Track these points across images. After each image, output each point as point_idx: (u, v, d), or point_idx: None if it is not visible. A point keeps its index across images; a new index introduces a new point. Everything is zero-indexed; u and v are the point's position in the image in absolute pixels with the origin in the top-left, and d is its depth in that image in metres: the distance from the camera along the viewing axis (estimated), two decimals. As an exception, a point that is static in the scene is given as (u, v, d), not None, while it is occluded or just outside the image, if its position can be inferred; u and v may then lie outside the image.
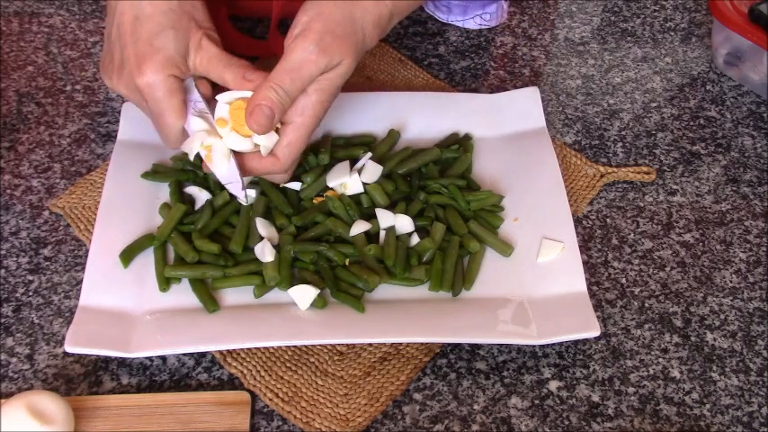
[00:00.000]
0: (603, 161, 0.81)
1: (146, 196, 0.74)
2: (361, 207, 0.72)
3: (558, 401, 0.62)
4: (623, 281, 0.71)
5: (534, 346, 0.65)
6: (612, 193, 0.78)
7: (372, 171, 0.73)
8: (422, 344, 0.65)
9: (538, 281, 0.67)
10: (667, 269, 0.72)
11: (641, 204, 0.77)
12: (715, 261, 0.72)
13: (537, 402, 0.62)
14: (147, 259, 0.69)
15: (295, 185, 0.73)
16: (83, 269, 0.68)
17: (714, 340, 0.67)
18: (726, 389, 0.63)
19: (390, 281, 0.67)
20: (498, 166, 0.78)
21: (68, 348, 0.61)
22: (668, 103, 0.88)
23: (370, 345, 0.65)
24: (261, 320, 0.64)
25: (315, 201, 0.72)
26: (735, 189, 0.78)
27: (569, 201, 0.73)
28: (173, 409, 0.60)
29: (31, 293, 0.69)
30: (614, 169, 0.79)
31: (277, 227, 0.70)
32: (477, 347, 0.65)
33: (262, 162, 0.66)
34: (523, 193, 0.74)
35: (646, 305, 0.69)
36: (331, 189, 0.72)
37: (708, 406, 0.62)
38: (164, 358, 0.64)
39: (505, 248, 0.70)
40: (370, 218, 0.70)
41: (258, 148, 0.65)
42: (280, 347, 0.65)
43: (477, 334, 0.63)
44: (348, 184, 0.72)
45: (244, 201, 0.68)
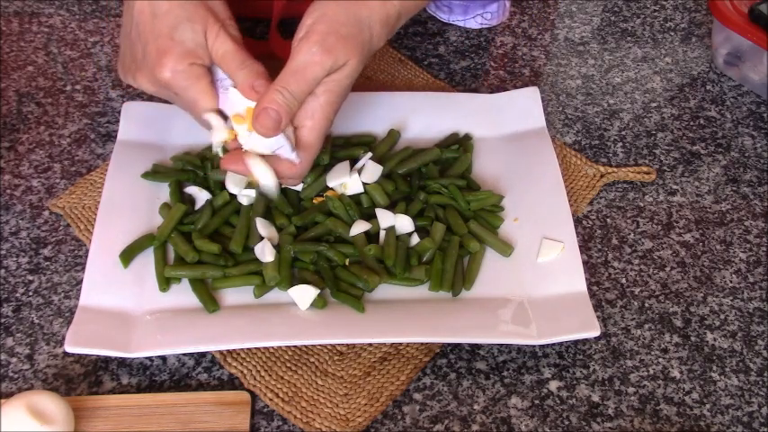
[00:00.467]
0: (603, 161, 0.81)
1: (146, 196, 0.74)
2: (361, 207, 0.72)
3: (558, 401, 0.62)
4: (623, 281, 0.71)
5: (534, 346, 0.65)
6: (612, 193, 0.78)
7: (372, 171, 0.73)
8: (422, 344, 0.65)
9: (538, 281, 0.67)
10: (667, 269, 0.72)
11: (641, 204, 0.77)
12: (715, 261, 0.72)
13: (537, 402, 0.62)
14: (147, 259, 0.69)
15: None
16: (83, 269, 0.68)
17: (714, 340, 0.67)
18: (726, 389, 0.63)
19: (390, 281, 0.67)
20: (498, 166, 0.78)
21: (68, 348, 0.61)
22: (668, 103, 0.88)
23: (370, 345, 0.65)
24: (261, 320, 0.64)
25: (315, 201, 0.72)
26: (735, 189, 0.78)
27: (569, 201, 0.73)
28: (173, 409, 0.60)
29: (31, 293, 0.69)
30: (614, 169, 0.79)
31: (277, 227, 0.70)
32: (477, 347, 0.65)
33: (281, 165, 0.66)
34: (523, 193, 0.74)
35: (646, 305, 0.69)
36: (331, 189, 0.72)
37: (708, 406, 0.62)
38: (164, 358, 0.64)
39: (505, 248, 0.70)
40: (370, 218, 0.70)
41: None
42: (280, 347, 0.65)
43: (477, 334, 0.63)
44: (348, 184, 0.72)
45: (296, 160, 0.66)
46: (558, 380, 0.64)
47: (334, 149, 0.76)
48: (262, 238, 0.68)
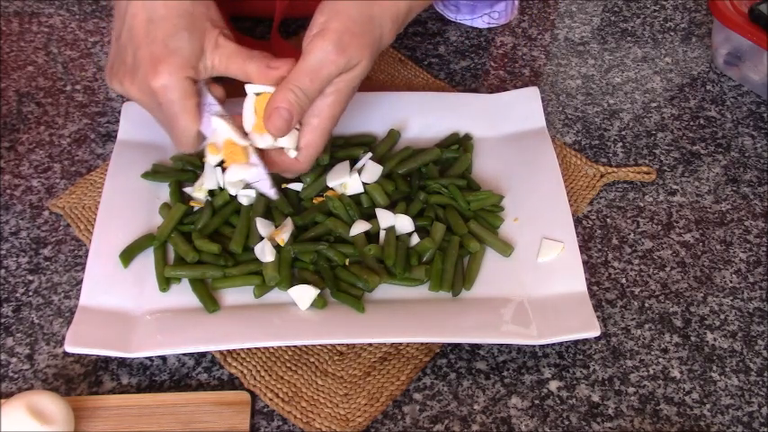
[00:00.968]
0: (603, 161, 0.81)
1: (146, 196, 0.74)
2: (361, 207, 0.72)
3: (558, 401, 0.62)
4: (623, 281, 0.71)
5: (534, 346, 0.65)
6: (612, 193, 0.78)
7: (372, 171, 0.73)
8: (422, 344, 0.65)
9: (538, 281, 0.67)
10: (667, 269, 0.72)
11: (641, 204, 0.77)
12: (715, 261, 0.72)
13: (537, 402, 0.62)
14: (147, 259, 0.69)
15: (295, 185, 0.73)
16: (83, 269, 0.68)
17: (714, 340, 0.67)
18: (726, 389, 0.63)
19: (390, 281, 0.67)
20: (498, 166, 0.78)
21: (68, 348, 0.61)
22: (668, 103, 0.88)
23: (370, 345, 0.65)
24: (261, 320, 0.64)
25: (315, 201, 0.72)
26: (735, 189, 0.78)
27: (569, 201, 0.73)
28: (173, 409, 0.60)
29: (31, 293, 0.69)
30: (614, 169, 0.79)
31: (277, 227, 0.70)
32: (477, 347, 0.65)
33: (284, 160, 0.66)
34: (523, 193, 0.74)
35: (646, 305, 0.69)
36: (331, 189, 0.72)
37: (708, 406, 0.62)
38: (164, 358, 0.64)
39: (505, 248, 0.70)
40: (370, 218, 0.70)
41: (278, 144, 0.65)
42: (280, 347, 0.65)
43: (477, 334, 0.63)
44: (348, 184, 0.72)
45: (274, 196, 0.67)
46: (558, 380, 0.64)
47: (334, 149, 0.76)
48: (262, 238, 0.68)
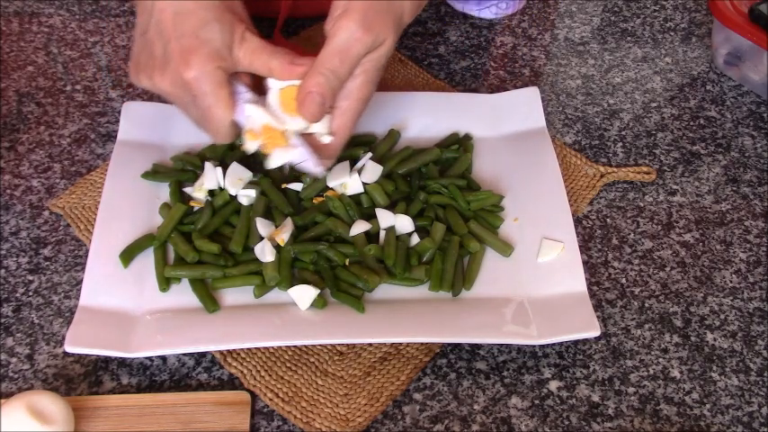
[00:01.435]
0: (603, 161, 0.81)
1: (146, 196, 0.74)
2: (361, 207, 0.71)
3: (558, 401, 0.62)
4: (623, 281, 0.71)
5: (534, 346, 0.65)
6: (612, 193, 0.78)
7: (372, 171, 0.73)
8: (422, 344, 0.65)
9: (538, 281, 0.67)
10: (667, 269, 0.72)
11: (641, 204, 0.77)
12: (715, 261, 0.72)
13: (537, 402, 0.62)
14: (147, 259, 0.69)
15: (295, 185, 0.73)
16: (83, 269, 0.68)
17: (714, 340, 0.67)
18: (726, 389, 0.63)
19: (390, 281, 0.67)
20: (498, 166, 0.78)
21: (68, 348, 0.61)
22: (668, 103, 0.88)
23: (370, 345, 0.65)
24: (261, 320, 0.64)
25: (315, 201, 0.72)
26: (735, 189, 0.78)
27: (569, 201, 0.73)
28: (173, 409, 0.60)
29: (31, 293, 0.69)
30: (614, 169, 0.79)
31: (277, 227, 0.70)
32: (477, 347, 0.65)
33: (316, 147, 0.65)
34: (523, 193, 0.74)
35: (646, 305, 0.69)
36: (331, 189, 0.72)
37: (708, 406, 0.62)
38: (164, 358, 0.64)
39: (505, 248, 0.70)
40: (370, 218, 0.70)
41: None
42: (280, 347, 0.65)
43: (477, 334, 0.63)
44: (348, 184, 0.72)
45: (323, 173, 0.66)
46: (558, 380, 0.64)
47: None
48: (262, 238, 0.68)
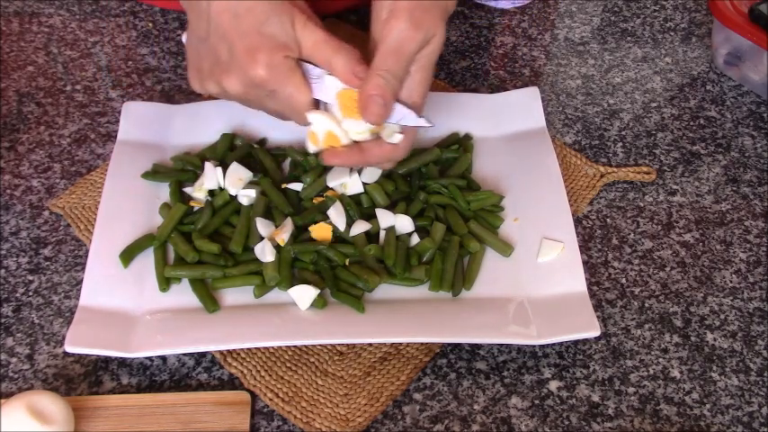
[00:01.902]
0: (603, 161, 0.81)
1: (146, 196, 0.74)
2: (361, 207, 0.71)
3: (558, 401, 0.62)
4: (623, 281, 0.71)
5: (534, 346, 0.65)
6: (612, 193, 0.78)
7: (372, 171, 0.73)
8: (422, 344, 0.65)
9: (538, 281, 0.67)
10: (667, 269, 0.72)
11: (641, 204, 0.77)
12: (715, 261, 0.72)
13: (537, 402, 0.62)
14: (147, 259, 0.69)
15: (295, 185, 0.73)
16: (83, 269, 0.68)
17: (714, 340, 0.67)
18: (726, 389, 0.63)
19: (390, 281, 0.67)
20: (498, 166, 0.78)
21: (68, 348, 0.61)
22: (668, 103, 0.88)
23: (370, 345, 0.65)
24: (261, 320, 0.64)
25: (315, 201, 0.72)
26: (735, 189, 0.78)
27: (569, 201, 0.73)
28: (173, 409, 0.60)
29: (31, 293, 0.69)
30: (614, 169, 0.79)
31: (277, 227, 0.70)
32: (477, 347, 0.65)
33: (383, 149, 0.65)
34: (523, 193, 0.74)
35: (646, 305, 0.69)
36: (331, 189, 0.72)
37: (708, 406, 0.62)
38: (164, 358, 0.64)
39: (505, 248, 0.70)
40: (370, 218, 0.70)
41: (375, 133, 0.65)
42: (280, 347, 0.65)
43: (477, 334, 0.63)
44: (348, 184, 0.72)
45: (429, 123, 0.65)
46: (558, 380, 0.64)
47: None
48: (262, 238, 0.68)
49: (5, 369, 0.64)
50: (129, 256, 0.68)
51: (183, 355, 0.64)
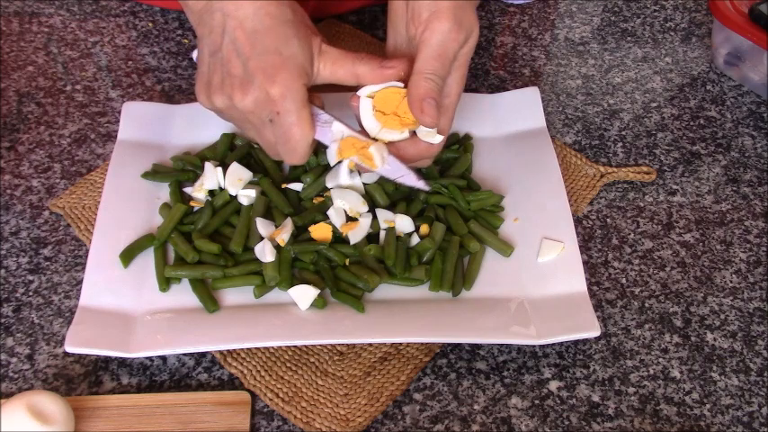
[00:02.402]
0: (603, 161, 0.81)
1: (146, 196, 0.74)
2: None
3: (559, 401, 0.62)
4: (623, 281, 0.71)
5: (534, 346, 0.65)
6: (612, 193, 0.78)
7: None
8: (422, 344, 0.65)
9: (538, 281, 0.67)
10: (667, 269, 0.72)
11: (641, 204, 0.77)
12: (715, 261, 0.72)
13: (537, 402, 0.62)
14: (147, 259, 0.69)
15: (295, 185, 0.73)
16: (83, 269, 0.68)
17: (714, 340, 0.67)
18: (726, 389, 0.63)
19: (390, 281, 0.67)
20: (498, 166, 0.78)
21: (68, 348, 0.61)
22: (668, 103, 0.88)
23: (370, 345, 0.65)
24: (261, 320, 0.64)
25: (315, 201, 0.72)
26: (735, 189, 0.78)
27: (569, 201, 0.73)
28: (173, 409, 0.60)
29: (31, 293, 0.69)
30: (614, 169, 0.79)
31: (277, 227, 0.70)
32: (477, 347, 0.65)
33: (419, 147, 0.66)
34: (523, 193, 0.74)
35: (646, 305, 0.69)
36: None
37: (708, 406, 0.62)
38: (164, 358, 0.64)
39: (505, 248, 0.70)
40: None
41: (408, 135, 0.65)
42: (280, 347, 0.65)
43: (477, 334, 0.63)
44: (348, 184, 0.72)
45: (426, 187, 0.66)
46: (558, 380, 0.64)
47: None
48: (262, 238, 0.68)
49: (5, 369, 0.64)
50: (129, 256, 0.68)
51: (183, 355, 0.64)
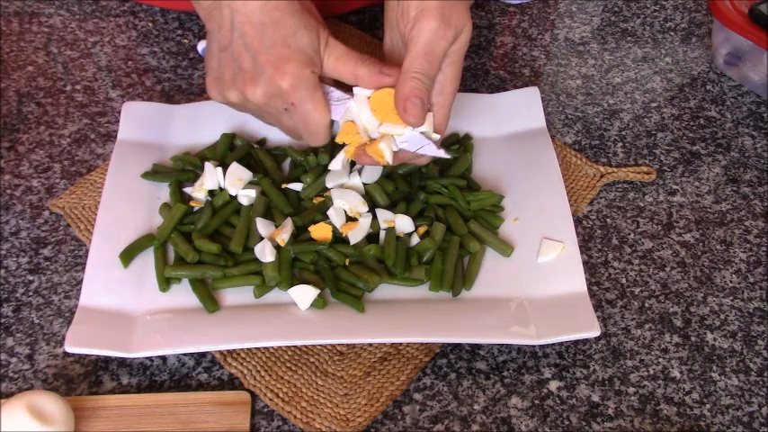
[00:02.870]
0: (603, 161, 0.81)
1: (146, 196, 0.74)
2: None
3: (559, 401, 0.62)
4: (623, 281, 0.71)
5: (534, 346, 0.65)
6: (612, 193, 0.78)
7: (372, 171, 0.73)
8: (422, 344, 0.65)
9: (538, 281, 0.67)
10: (667, 269, 0.72)
11: (641, 204, 0.77)
12: (715, 261, 0.72)
13: (537, 402, 0.62)
14: (147, 259, 0.69)
15: (295, 185, 0.73)
16: (83, 269, 0.68)
17: (714, 340, 0.67)
18: (726, 389, 0.63)
19: (390, 281, 0.67)
20: (498, 166, 0.78)
21: (68, 348, 0.61)
22: (668, 103, 0.88)
23: (370, 345, 0.65)
24: (261, 320, 0.64)
25: (315, 201, 0.72)
26: (735, 189, 0.78)
27: (569, 201, 0.73)
28: (173, 409, 0.60)
29: (31, 293, 0.69)
30: (614, 169, 0.79)
31: (277, 227, 0.70)
32: (477, 347, 0.65)
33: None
34: (523, 193, 0.74)
35: (646, 305, 0.69)
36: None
37: (708, 406, 0.62)
38: (164, 358, 0.64)
39: (505, 248, 0.70)
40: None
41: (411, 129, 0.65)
42: (280, 347, 0.65)
43: (477, 334, 0.63)
44: (348, 184, 0.72)
45: (447, 155, 0.66)
46: (558, 380, 0.64)
47: (335, 149, 0.76)
48: (262, 238, 0.68)
49: (5, 369, 0.64)
50: (128, 256, 0.68)
51: (183, 355, 0.64)
